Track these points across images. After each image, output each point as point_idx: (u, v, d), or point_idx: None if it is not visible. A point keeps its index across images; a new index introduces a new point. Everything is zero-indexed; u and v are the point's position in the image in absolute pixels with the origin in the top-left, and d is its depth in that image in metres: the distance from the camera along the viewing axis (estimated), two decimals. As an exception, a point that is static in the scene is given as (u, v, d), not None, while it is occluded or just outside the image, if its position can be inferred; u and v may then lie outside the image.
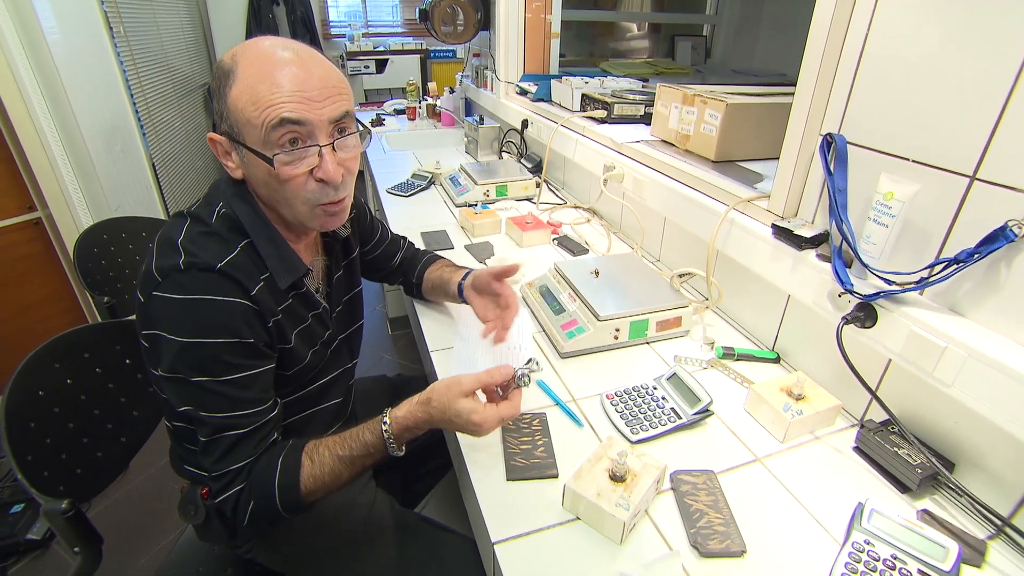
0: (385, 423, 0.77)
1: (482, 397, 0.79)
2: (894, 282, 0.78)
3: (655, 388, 0.94)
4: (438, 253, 1.27)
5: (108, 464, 1.02)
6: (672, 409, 0.89)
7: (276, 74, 0.69)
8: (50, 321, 2.14)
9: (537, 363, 0.82)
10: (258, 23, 4.09)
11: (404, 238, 1.25)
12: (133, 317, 1.33)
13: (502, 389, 0.80)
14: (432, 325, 1.16)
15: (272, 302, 0.79)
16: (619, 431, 0.87)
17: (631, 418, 0.88)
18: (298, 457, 0.77)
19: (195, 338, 0.71)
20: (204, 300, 0.71)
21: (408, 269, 1.21)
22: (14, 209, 1.98)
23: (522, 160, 2.13)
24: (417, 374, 1.35)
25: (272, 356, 0.81)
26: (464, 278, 1.12)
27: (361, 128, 0.81)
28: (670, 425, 0.87)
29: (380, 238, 1.16)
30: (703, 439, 0.87)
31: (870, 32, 0.79)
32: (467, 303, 1.12)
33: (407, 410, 0.78)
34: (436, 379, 1.00)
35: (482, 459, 0.82)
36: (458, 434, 0.86)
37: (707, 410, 0.87)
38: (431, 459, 1.25)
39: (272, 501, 0.75)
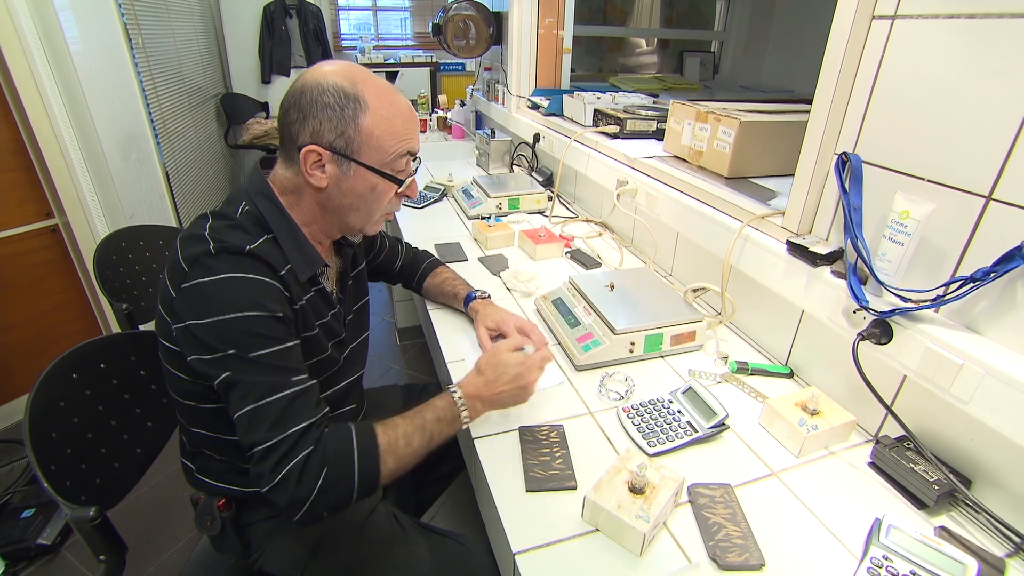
0: (450, 386, 0.87)
1: None
2: (910, 299, 0.79)
3: (671, 402, 0.94)
4: (434, 258, 1.32)
5: (125, 474, 1.02)
6: (688, 423, 0.90)
7: (405, 112, 0.83)
8: (65, 327, 2.16)
9: None
10: (271, 35, 4.15)
11: (400, 241, 1.31)
12: (146, 327, 1.35)
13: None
14: (448, 337, 1.17)
15: (298, 289, 0.83)
16: (636, 444, 0.88)
17: (648, 431, 0.89)
18: (370, 424, 0.78)
19: (227, 314, 0.72)
20: (234, 278, 0.74)
21: (408, 274, 1.30)
22: (32, 216, 2.01)
23: (533, 174, 2.15)
24: (428, 383, 1.36)
25: (298, 336, 0.82)
26: (470, 297, 1.21)
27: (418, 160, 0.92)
28: (686, 439, 0.88)
29: (380, 246, 1.24)
30: (719, 453, 0.88)
31: (885, 53, 0.80)
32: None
33: (466, 377, 0.90)
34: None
35: (501, 471, 0.83)
36: (476, 444, 0.88)
37: (723, 424, 0.88)
38: (442, 464, 1.26)
39: (349, 464, 0.73)
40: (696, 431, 0.88)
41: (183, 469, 0.96)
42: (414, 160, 0.88)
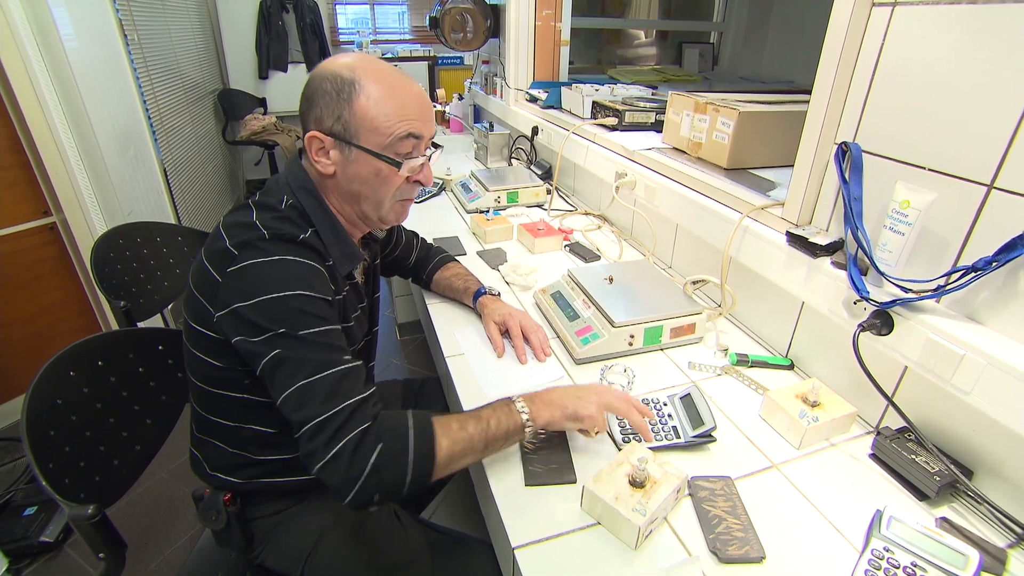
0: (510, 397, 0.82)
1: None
2: (911, 290, 0.78)
3: (665, 404, 0.92)
4: (446, 254, 1.33)
5: (125, 471, 1.02)
6: (674, 427, 0.88)
7: (405, 94, 0.82)
8: (64, 324, 2.16)
9: None
10: (268, 30, 4.13)
11: (415, 236, 1.32)
12: (144, 324, 1.34)
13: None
14: (447, 332, 1.17)
15: (341, 281, 0.87)
16: (612, 439, 0.87)
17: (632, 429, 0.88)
18: (425, 412, 0.76)
19: (278, 292, 0.73)
20: (287, 260, 0.76)
21: (420, 268, 1.30)
22: (30, 214, 2.00)
23: (532, 167, 2.14)
24: (428, 377, 1.35)
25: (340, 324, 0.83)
26: (478, 294, 1.19)
27: (440, 147, 0.93)
28: (666, 442, 0.85)
29: (397, 240, 1.25)
30: (720, 445, 0.87)
31: (886, 41, 0.79)
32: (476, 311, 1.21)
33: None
34: (452, 383, 1.01)
35: (500, 465, 0.83)
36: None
37: (708, 435, 0.85)
38: None
39: (404, 441, 0.70)
40: (678, 437, 0.86)
41: (191, 459, 0.96)
42: (433, 146, 0.88)
